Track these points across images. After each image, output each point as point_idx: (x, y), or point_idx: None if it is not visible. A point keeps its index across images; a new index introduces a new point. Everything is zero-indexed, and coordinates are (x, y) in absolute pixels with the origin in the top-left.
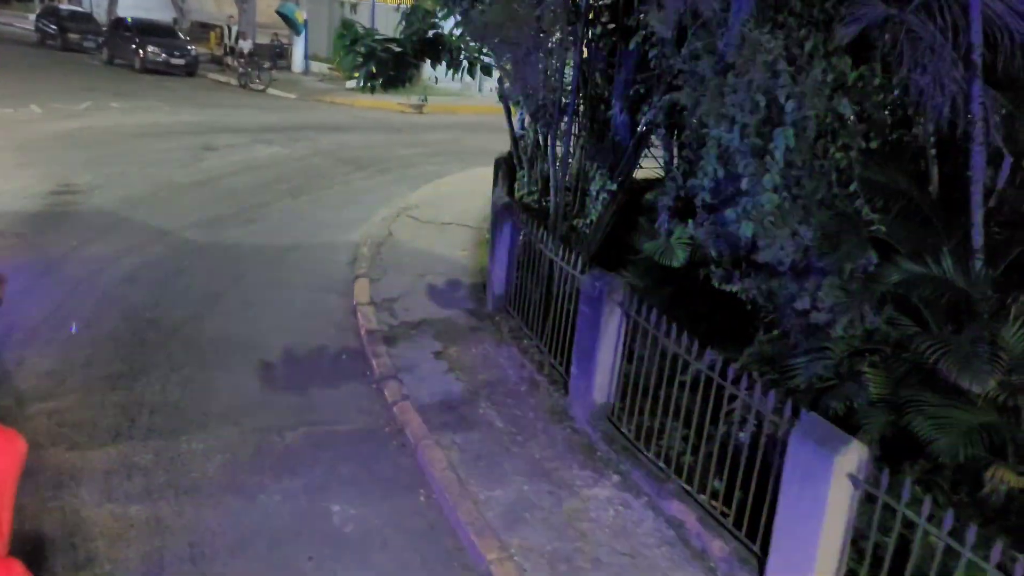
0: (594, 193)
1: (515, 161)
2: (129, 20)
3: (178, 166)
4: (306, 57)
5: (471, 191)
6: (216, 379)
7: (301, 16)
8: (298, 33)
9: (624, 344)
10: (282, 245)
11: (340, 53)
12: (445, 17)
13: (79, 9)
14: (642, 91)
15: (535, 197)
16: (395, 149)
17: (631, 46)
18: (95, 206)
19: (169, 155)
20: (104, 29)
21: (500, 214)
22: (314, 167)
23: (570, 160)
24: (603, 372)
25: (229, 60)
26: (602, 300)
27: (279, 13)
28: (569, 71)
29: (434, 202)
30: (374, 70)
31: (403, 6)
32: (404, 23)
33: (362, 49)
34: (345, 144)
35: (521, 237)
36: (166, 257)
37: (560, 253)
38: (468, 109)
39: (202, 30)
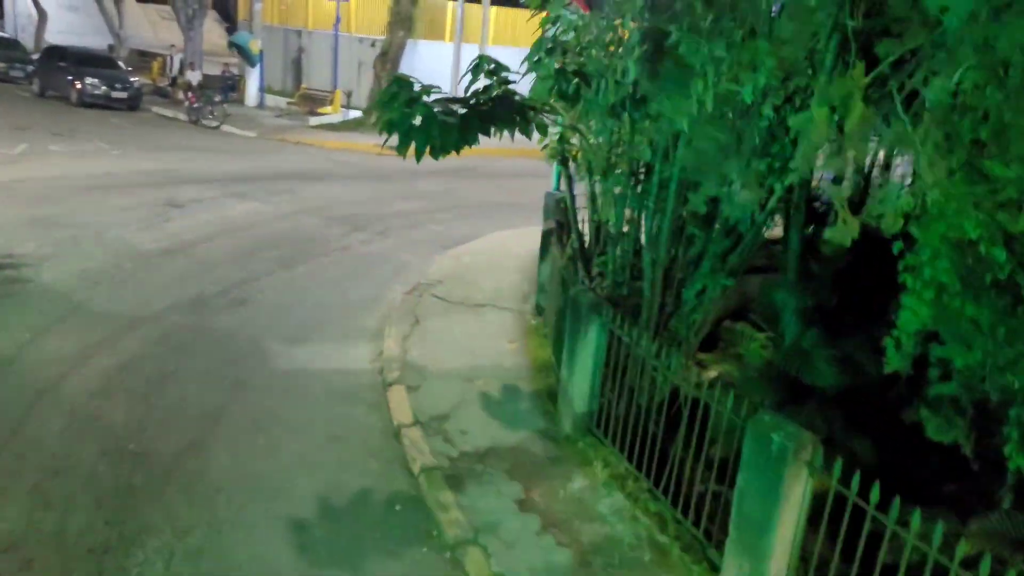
0: (699, 286)
1: (575, 237)
2: (65, 48)
3: (141, 228)
4: (261, 90)
5: (497, 262)
6: (236, 548)
7: (256, 46)
8: (253, 65)
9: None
10: (285, 335)
11: (391, 115)
12: (535, 69)
13: (3, 35)
14: (775, 165)
15: (624, 291)
16: (389, 203)
17: (764, 115)
18: (47, 284)
19: (128, 214)
20: (34, 57)
21: (584, 312)
22: (302, 228)
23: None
24: (780, 554)
25: (176, 93)
26: (784, 460)
27: (233, 43)
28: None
29: (458, 276)
30: (432, 137)
31: (375, 38)
32: (469, 76)
33: (419, 112)
34: (331, 197)
35: (611, 339)
36: (145, 356)
37: (687, 375)
38: None
39: (141, 59)
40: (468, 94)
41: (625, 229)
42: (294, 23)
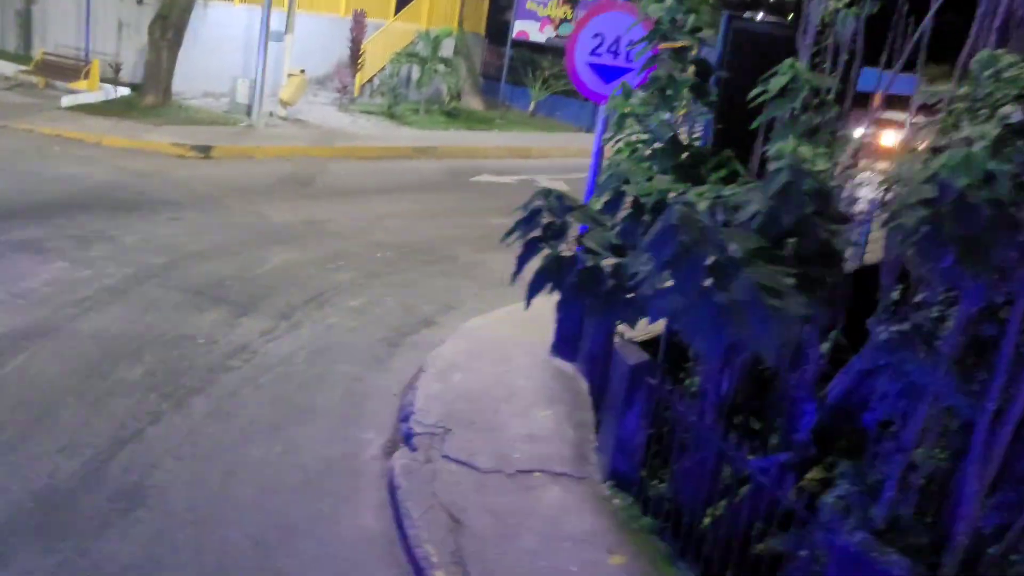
0: None
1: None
2: None
3: None
4: None
5: (507, 383)
6: None
7: None
8: None
9: None
10: None
11: (650, 277)
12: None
13: None
14: None
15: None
16: (257, 253)
17: None
18: None
19: None
20: None
21: None
22: (160, 314)
23: None
24: None
25: None
26: None
27: None
28: None
29: (463, 413)
30: (740, 334)
31: None
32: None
33: (735, 283)
34: (169, 245)
35: None
36: None
37: None
38: (268, 152)
39: None
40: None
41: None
42: None
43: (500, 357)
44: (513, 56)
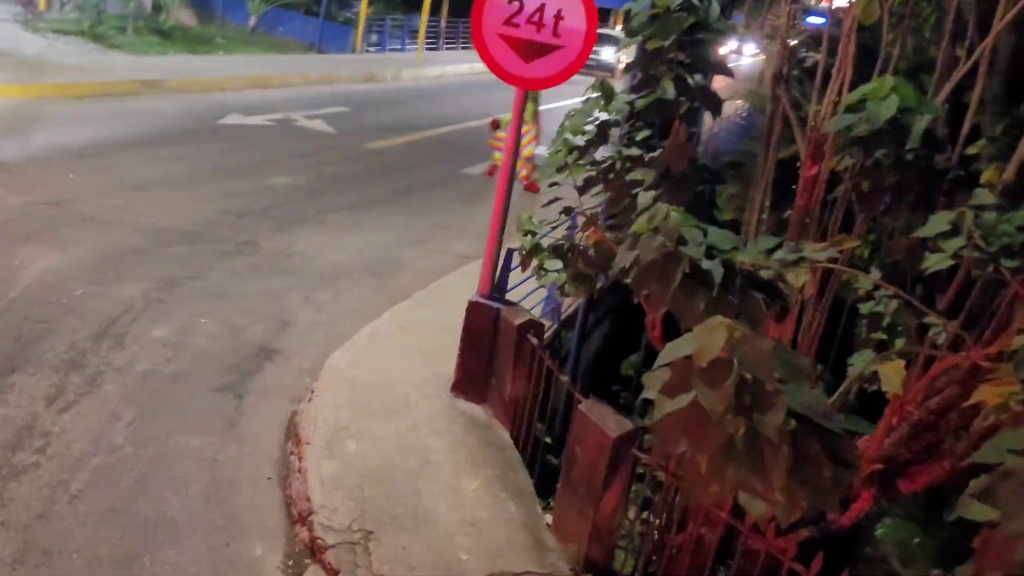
0: None
1: None
2: None
3: None
4: None
5: (411, 445)
6: None
7: None
8: None
9: None
10: None
11: None
12: None
13: None
14: None
15: None
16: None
17: None
18: None
19: None
20: None
21: None
22: None
23: None
24: None
25: None
26: None
27: None
28: None
29: (377, 504)
30: None
31: None
32: None
33: None
34: None
35: None
36: None
37: None
38: None
39: None
40: None
41: None
42: None
43: (392, 408)
44: None
